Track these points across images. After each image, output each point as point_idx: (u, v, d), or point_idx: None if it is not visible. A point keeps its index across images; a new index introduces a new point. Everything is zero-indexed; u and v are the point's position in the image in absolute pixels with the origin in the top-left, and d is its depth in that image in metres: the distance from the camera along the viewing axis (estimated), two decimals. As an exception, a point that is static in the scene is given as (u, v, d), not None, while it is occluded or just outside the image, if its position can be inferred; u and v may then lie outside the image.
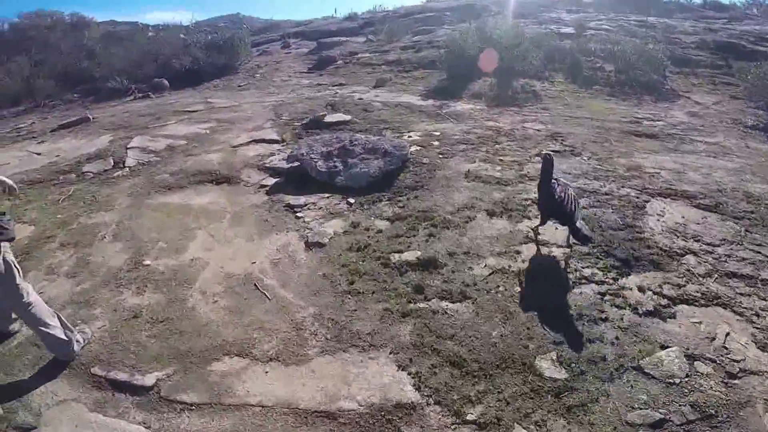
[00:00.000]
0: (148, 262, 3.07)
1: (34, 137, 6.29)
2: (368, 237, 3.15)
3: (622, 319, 2.36)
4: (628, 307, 2.44)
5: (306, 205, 3.67)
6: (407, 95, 7.82)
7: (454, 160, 4.31)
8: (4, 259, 1.95)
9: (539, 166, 2.92)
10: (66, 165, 4.91)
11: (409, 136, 5.20)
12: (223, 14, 26.63)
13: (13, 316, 2.35)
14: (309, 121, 5.89)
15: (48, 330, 2.10)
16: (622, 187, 3.71)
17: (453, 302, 2.53)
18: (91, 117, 6.90)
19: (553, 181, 2.84)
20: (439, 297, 2.57)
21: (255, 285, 2.78)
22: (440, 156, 4.44)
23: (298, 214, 3.55)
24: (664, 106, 6.38)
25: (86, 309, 2.65)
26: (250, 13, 29.27)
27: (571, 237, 2.83)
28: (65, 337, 2.16)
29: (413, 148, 4.53)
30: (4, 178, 2.15)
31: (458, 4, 16.50)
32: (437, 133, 5.20)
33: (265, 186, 4.13)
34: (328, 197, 3.77)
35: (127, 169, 4.75)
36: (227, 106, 7.41)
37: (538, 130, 5.22)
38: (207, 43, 10.96)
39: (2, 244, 1.94)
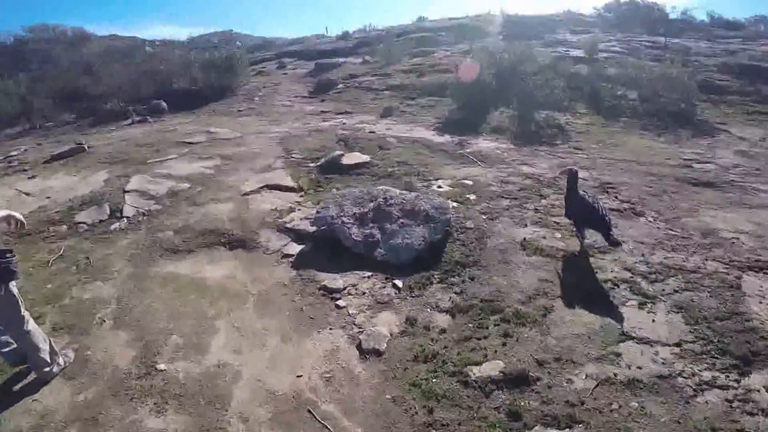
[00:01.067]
0: (162, 366, 2.57)
1: (24, 170, 5.80)
2: (432, 340, 2.71)
3: (758, 428, 2.07)
4: (760, 413, 2.16)
5: (345, 288, 3.22)
6: (421, 128, 7.50)
7: (501, 223, 3.93)
8: (10, 292, 2.21)
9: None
10: (57, 212, 4.43)
11: (439, 186, 4.83)
12: (217, 30, 27.24)
13: None
14: (325, 163, 5.51)
15: (39, 354, 2.37)
16: (706, 260, 3.38)
17: (561, 429, 2.13)
18: (86, 147, 6.51)
19: (582, 192, 3.33)
20: (542, 424, 2.17)
21: (309, 412, 2.30)
22: (483, 217, 4.06)
23: (338, 302, 3.10)
24: (705, 143, 6.18)
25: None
26: (241, 30, 29.79)
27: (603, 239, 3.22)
28: (50, 361, 2.43)
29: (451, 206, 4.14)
30: (13, 213, 2.21)
31: (452, 24, 16.67)
32: (469, 182, 4.84)
33: (289, 255, 3.69)
34: (369, 277, 3.33)
35: (125, 220, 4.28)
36: (230, 138, 7.03)
37: (583, 179, 4.89)
38: (205, 62, 10.96)
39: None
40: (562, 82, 7.66)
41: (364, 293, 3.15)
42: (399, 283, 3.21)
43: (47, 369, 2.41)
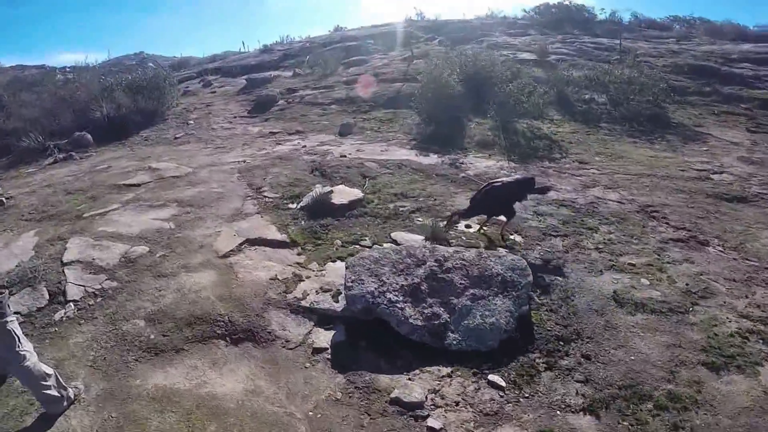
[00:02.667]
0: None
1: None
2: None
3: None
4: None
5: (427, 398, 2.40)
6: (396, 148, 6.84)
7: (573, 272, 3.41)
8: (5, 329, 2.20)
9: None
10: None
11: (467, 226, 4.17)
12: (128, 53, 24.86)
13: None
14: (312, 204, 4.64)
15: (43, 389, 2.31)
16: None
17: None
18: (4, 198, 5.41)
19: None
20: None
21: None
22: (547, 265, 3.47)
23: (429, 424, 2.28)
24: (700, 149, 6.42)
25: None
26: (152, 51, 27.31)
27: None
28: (57, 394, 2.36)
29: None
30: None
31: (379, 32, 16.50)
32: (502, 217, 4.24)
33: (321, 350, 2.82)
34: (449, 375, 2.55)
35: (72, 306, 3.21)
36: (180, 176, 5.84)
37: (620, 203, 4.63)
38: (129, 84, 9.82)
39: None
40: (541, 88, 7.57)
41: (456, 403, 2.36)
42: (497, 379, 2.49)
43: (57, 404, 2.39)
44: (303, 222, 4.29)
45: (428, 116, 7.89)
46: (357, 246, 3.83)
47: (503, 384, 2.45)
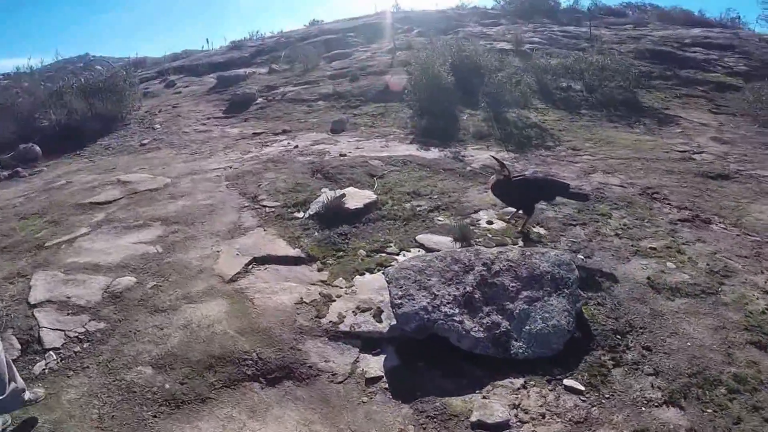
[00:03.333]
0: None
1: None
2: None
3: None
4: None
5: (511, 417, 2.29)
6: (395, 143, 6.69)
7: (603, 260, 3.43)
8: None
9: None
10: None
11: (489, 222, 4.13)
12: (72, 56, 22.37)
13: None
14: (324, 210, 4.28)
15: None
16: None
17: None
18: None
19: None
20: None
21: None
22: (581, 257, 3.49)
23: None
24: (676, 131, 6.68)
25: None
26: (102, 53, 24.98)
27: None
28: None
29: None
30: None
31: (357, 24, 16.05)
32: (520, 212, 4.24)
33: (375, 379, 2.54)
34: (524, 387, 2.45)
35: (54, 356, 2.70)
36: (158, 188, 5.26)
37: (622, 187, 4.73)
38: (81, 87, 8.57)
39: None
40: (529, 78, 7.61)
41: (542, 415, 2.29)
42: (573, 383, 2.42)
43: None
44: (317, 232, 3.94)
45: (421, 109, 7.78)
46: (383, 254, 3.58)
47: (581, 387, 2.37)
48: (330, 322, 2.90)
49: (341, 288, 3.24)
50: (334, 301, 3.10)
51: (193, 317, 2.93)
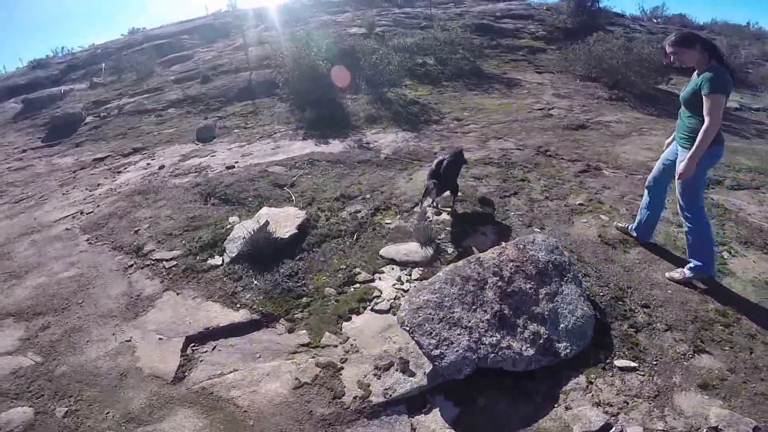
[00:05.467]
0: None
1: None
2: None
3: None
4: None
5: (610, 416, 1.80)
6: (287, 142, 5.44)
7: (556, 229, 3.15)
8: None
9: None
10: None
11: (437, 213, 3.49)
12: None
13: None
14: (249, 248, 2.99)
15: None
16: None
17: None
18: None
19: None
20: None
21: None
22: (539, 230, 3.15)
23: None
24: (524, 92, 6.97)
25: None
26: None
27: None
28: None
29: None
30: None
31: (191, 27, 13.04)
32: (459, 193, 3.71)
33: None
34: (589, 383, 1.98)
35: None
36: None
37: (520, 150, 4.61)
38: None
39: None
40: (397, 58, 6.95)
41: (625, 402, 1.87)
42: (624, 363, 2.08)
43: None
44: (255, 280, 2.73)
45: (299, 101, 6.52)
46: (357, 285, 2.65)
47: (634, 364, 2.05)
48: (355, 398, 1.97)
49: (336, 347, 2.26)
50: (342, 369, 2.12)
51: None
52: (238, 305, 2.54)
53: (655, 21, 12.97)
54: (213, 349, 2.32)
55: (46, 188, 4.88)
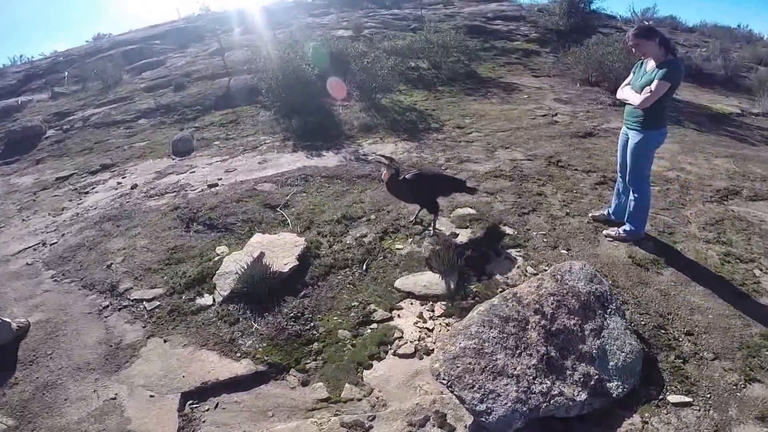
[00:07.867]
0: None
1: None
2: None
3: None
4: None
5: None
6: (274, 154, 5.23)
7: (583, 250, 3.04)
8: None
9: None
10: None
11: (454, 235, 3.33)
12: None
13: None
14: (245, 286, 2.72)
15: None
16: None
17: None
18: None
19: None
20: None
21: None
22: (566, 251, 3.04)
23: None
24: (524, 97, 6.96)
25: None
26: None
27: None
28: None
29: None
30: None
31: (160, 31, 12.71)
32: (471, 210, 3.57)
33: None
34: (643, 422, 1.83)
35: None
36: None
37: (530, 160, 4.52)
38: None
39: None
40: (390, 62, 6.84)
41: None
42: (677, 398, 1.98)
43: None
44: (256, 323, 2.48)
45: (285, 108, 6.32)
46: (375, 326, 2.42)
47: (688, 399, 1.96)
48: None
49: (359, 401, 2.04)
50: (371, 428, 1.91)
51: None
52: (239, 354, 2.30)
53: (646, 23, 13.40)
54: (216, 407, 2.08)
55: (2, 213, 4.51)
